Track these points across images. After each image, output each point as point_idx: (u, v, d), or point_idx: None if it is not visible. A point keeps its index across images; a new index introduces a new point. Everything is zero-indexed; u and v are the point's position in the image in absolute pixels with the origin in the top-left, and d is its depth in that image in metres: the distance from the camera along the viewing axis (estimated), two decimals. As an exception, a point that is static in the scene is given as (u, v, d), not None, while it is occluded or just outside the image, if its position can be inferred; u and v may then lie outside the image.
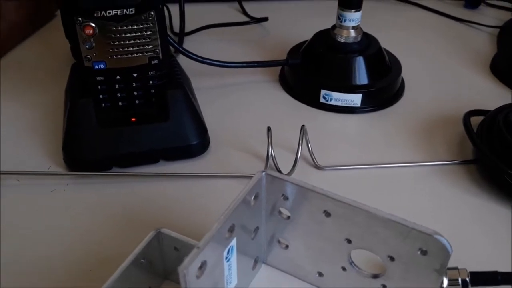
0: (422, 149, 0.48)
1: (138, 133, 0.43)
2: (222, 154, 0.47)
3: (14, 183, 0.43)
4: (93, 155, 0.42)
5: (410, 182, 0.44)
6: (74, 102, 0.43)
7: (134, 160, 0.44)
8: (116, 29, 0.39)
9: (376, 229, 0.28)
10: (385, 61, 0.55)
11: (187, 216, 0.40)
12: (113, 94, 0.43)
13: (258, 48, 0.65)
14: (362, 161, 0.46)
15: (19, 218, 0.40)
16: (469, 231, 0.39)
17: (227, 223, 0.28)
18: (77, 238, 0.38)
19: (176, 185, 0.43)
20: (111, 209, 0.41)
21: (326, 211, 0.29)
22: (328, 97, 0.52)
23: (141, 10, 0.39)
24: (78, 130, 0.42)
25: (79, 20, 0.38)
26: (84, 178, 0.43)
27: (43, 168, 0.44)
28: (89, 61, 0.41)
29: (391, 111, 0.54)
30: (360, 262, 0.32)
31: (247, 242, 0.32)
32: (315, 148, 0.45)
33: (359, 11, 0.51)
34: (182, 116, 0.45)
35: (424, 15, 0.75)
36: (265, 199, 0.32)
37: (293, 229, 0.32)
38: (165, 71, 0.44)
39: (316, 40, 0.55)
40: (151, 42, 0.41)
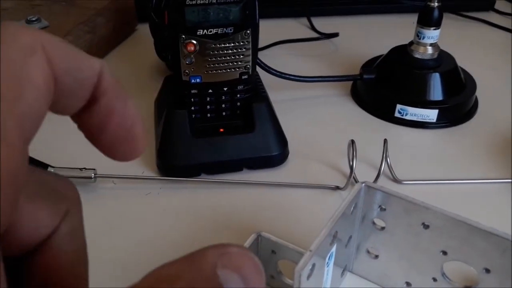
0: (498, 165, 0.48)
1: (225, 143, 0.46)
2: (299, 165, 0.49)
3: (111, 186, 0.47)
4: (185, 162, 0.45)
5: (488, 198, 0.45)
6: (170, 112, 0.46)
7: (221, 168, 0.47)
8: (214, 46, 0.42)
9: (475, 242, 0.29)
10: (461, 78, 0.55)
11: (272, 222, 0.43)
12: (204, 107, 0.46)
13: (328, 63, 0.67)
14: (438, 176, 0.47)
15: (116, 219, 0.43)
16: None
17: (332, 230, 0.29)
18: (172, 239, 0.41)
19: (260, 193, 0.46)
20: (202, 212, 0.43)
21: (425, 223, 0.31)
22: (404, 111, 0.53)
23: (239, 29, 0.42)
24: (173, 138, 0.45)
25: (183, 37, 0.41)
26: (175, 183, 0.46)
27: (137, 172, 0.48)
28: (187, 76, 0.44)
29: (465, 128, 0.54)
30: (451, 274, 0.33)
31: (341, 250, 0.34)
32: (391, 161, 0.47)
33: (438, 29, 0.52)
34: (266, 128, 0.47)
35: (493, 32, 0.75)
36: (360, 209, 0.34)
37: (386, 240, 0.34)
38: (252, 85, 0.47)
39: (392, 55, 0.56)
40: (244, 59, 0.44)
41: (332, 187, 0.46)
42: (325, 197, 0.45)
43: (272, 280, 0.36)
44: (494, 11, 0.81)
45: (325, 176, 0.48)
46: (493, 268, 0.30)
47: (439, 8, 0.51)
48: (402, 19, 0.78)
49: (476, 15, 0.79)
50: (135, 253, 0.40)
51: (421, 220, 0.31)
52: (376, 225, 0.34)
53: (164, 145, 0.46)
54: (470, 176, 0.47)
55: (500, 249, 0.29)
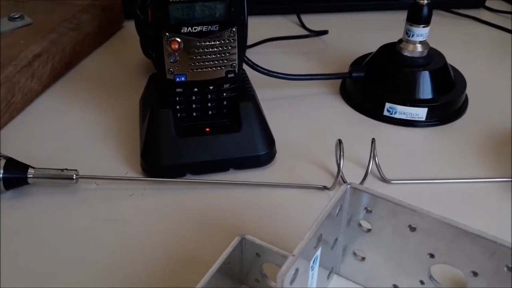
0: (488, 164, 0.48)
1: (212, 142, 0.45)
2: (287, 164, 0.48)
3: (93, 187, 0.46)
4: (171, 162, 0.45)
5: (476, 197, 0.44)
6: (154, 111, 0.45)
7: (206, 168, 0.46)
8: (199, 44, 0.42)
9: (463, 245, 0.28)
10: (450, 76, 0.55)
11: (258, 223, 0.42)
12: (189, 105, 0.46)
13: (318, 60, 0.66)
14: (427, 176, 0.47)
15: (99, 221, 0.42)
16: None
17: (317, 233, 0.29)
18: (156, 241, 0.40)
19: (246, 193, 0.45)
20: (187, 214, 0.42)
21: (411, 225, 0.30)
22: (393, 110, 0.53)
23: (224, 27, 0.41)
24: (157, 138, 0.44)
25: (167, 35, 0.40)
26: (160, 184, 0.45)
27: (120, 173, 0.47)
28: (172, 74, 0.43)
29: (455, 126, 0.54)
30: (439, 276, 0.32)
31: (327, 252, 0.33)
32: (380, 160, 0.46)
33: (428, 27, 0.51)
34: (253, 127, 0.47)
35: (483, 29, 0.75)
36: (346, 211, 0.33)
37: (372, 242, 0.33)
38: (239, 83, 0.46)
39: (381, 53, 0.56)
40: (230, 57, 0.43)
41: (320, 187, 0.45)
42: (313, 197, 0.45)
43: (257, 283, 0.35)
44: (484, 8, 0.81)
45: (313, 176, 0.47)
46: (480, 271, 0.29)
47: (429, 6, 0.50)
48: (393, 16, 0.78)
49: (467, 12, 0.79)
50: (118, 256, 0.39)
51: (408, 222, 0.30)
52: (362, 227, 0.33)
53: (148, 145, 0.45)
54: (460, 175, 0.47)
55: (488, 252, 0.28)
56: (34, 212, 0.42)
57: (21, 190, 0.44)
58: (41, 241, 0.40)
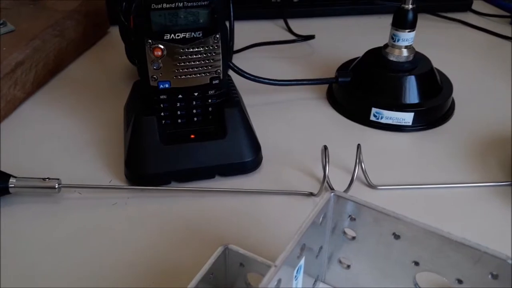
0: (475, 169, 0.48)
1: (197, 149, 0.45)
2: (273, 171, 0.48)
3: (76, 196, 0.45)
4: (155, 170, 0.44)
5: (463, 203, 0.44)
6: (138, 119, 0.44)
7: (191, 176, 0.45)
8: (183, 51, 0.41)
9: (447, 252, 0.28)
10: (437, 80, 0.55)
11: (243, 231, 0.41)
12: (174, 112, 0.45)
13: (304, 65, 0.66)
14: (414, 181, 0.47)
15: (81, 231, 0.41)
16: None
17: (300, 243, 0.28)
18: (139, 251, 0.39)
19: (232, 201, 0.44)
20: (171, 223, 0.42)
21: (396, 233, 0.30)
22: (379, 115, 0.52)
23: (207, 33, 0.41)
24: (141, 146, 0.44)
25: (149, 42, 0.40)
26: (144, 192, 0.45)
27: (103, 181, 0.46)
28: (155, 81, 0.42)
29: (442, 130, 0.54)
30: (424, 284, 0.32)
31: (311, 261, 0.33)
32: (366, 165, 0.46)
33: (413, 31, 0.51)
34: (239, 134, 0.46)
35: (470, 33, 0.75)
36: (330, 219, 0.33)
37: (357, 250, 0.33)
38: (224, 90, 0.46)
39: (367, 58, 0.55)
40: (214, 63, 0.43)
41: (306, 193, 0.45)
42: (299, 204, 0.44)
43: (241, 293, 0.35)
44: (471, 11, 0.81)
45: (299, 182, 0.47)
46: (465, 278, 0.29)
47: (414, 10, 0.50)
48: (380, 20, 0.78)
49: (454, 15, 0.79)
50: (100, 265, 0.38)
51: (392, 230, 0.30)
52: (347, 235, 0.33)
53: (131, 153, 0.44)
54: (447, 180, 0.47)
55: (472, 260, 0.28)
56: (16, 222, 0.42)
57: (3, 199, 0.43)
58: (23, 251, 0.39)
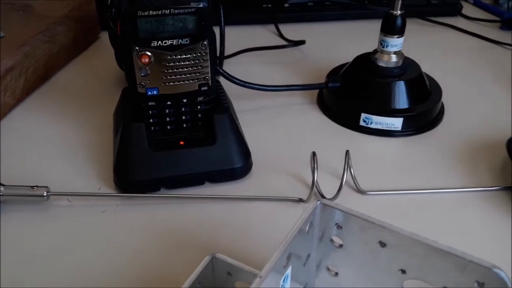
0: (464, 174, 0.48)
1: (186, 156, 0.45)
2: (263, 177, 0.48)
3: (65, 203, 0.45)
4: (144, 177, 0.44)
5: (452, 208, 0.44)
6: (127, 126, 0.44)
7: (181, 182, 0.45)
8: (170, 57, 0.41)
9: (434, 261, 0.28)
10: (426, 85, 0.55)
11: (233, 239, 0.41)
12: (163, 119, 0.45)
13: (296, 70, 0.66)
14: (404, 186, 0.47)
15: (70, 239, 0.41)
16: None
17: (285, 252, 0.28)
18: (126, 259, 0.39)
19: (222, 207, 0.44)
20: (160, 230, 0.42)
21: (382, 241, 0.30)
22: (369, 120, 0.53)
23: (195, 40, 0.41)
24: (131, 153, 0.44)
25: (137, 49, 0.40)
26: (133, 199, 0.45)
27: (93, 188, 0.46)
28: (143, 88, 0.42)
29: (431, 135, 0.54)
30: (412, 291, 0.32)
31: (299, 269, 0.33)
32: (356, 171, 0.46)
33: (402, 37, 0.51)
34: (228, 140, 0.46)
35: (460, 37, 0.76)
36: (317, 227, 0.33)
37: (345, 257, 0.33)
38: (213, 96, 0.46)
39: (356, 64, 0.56)
40: (202, 70, 0.43)
41: (296, 199, 0.45)
42: (288, 210, 0.44)
43: (229, 301, 0.34)
44: (461, 16, 0.82)
45: (289, 188, 0.47)
46: (452, 286, 0.29)
47: (402, 16, 0.50)
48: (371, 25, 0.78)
49: (444, 20, 0.79)
50: (88, 274, 0.38)
51: (378, 238, 0.30)
52: (334, 243, 0.33)
53: (120, 160, 0.44)
54: (436, 185, 0.47)
55: (459, 268, 0.28)
56: (4, 230, 0.41)
57: (-10, 208, 0.43)
58: (12, 259, 0.39)
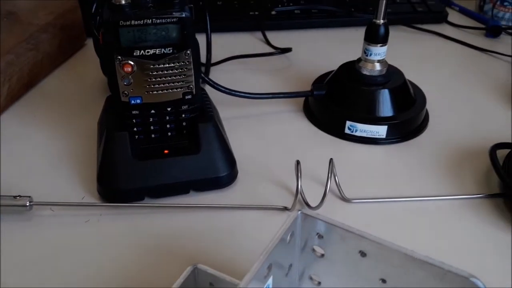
0: (448, 181, 0.48)
1: (171, 165, 0.45)
2: (248, 185, 0.48)
3: (48, 213, 0.44)
4: (128, 186, 0.44)
5: (436, 216, 0.45)
6: (110, 135, 0.44)
7: (166, 191, 0.45)
8: (153, 67, 0.41)
9: (413, 270, 0.28)
10: (410, 93, 0.55)
11: (217, 248, 0.41)
12: (147, 127, 0.45)
13: (282, 78, 0.66)
14: (388, 194, 0.47)
15: (53, 249, 0.41)
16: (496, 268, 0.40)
17: (265, 263, 0.28)
18: (110, 270, 0.39)
19: (206, 216, 0.44)
20: (143, 240, 0.41)
21: (362, 251, 0.30)
22: (353, 128, 0.53)
23: (178, 49, 0.41)
24: (114, 162, 0.44)
25: (119, 58, 0.40)
26: (117, 209, 0.44)
27: (76, 198, 0.46)
28: (126, 96, 0.42)
29: (416, 143, 0.54)
30: (393, 300, 0.32)
31: (282, 278, 0.33)
32: (341, 179, 0.46)
33: (385, 46, 0.52)
34: (213, 149, 0.46)
35: (445, 44, 0.76)
36: (299, 237, 0.33)
37: (326, 267, 0.33)
38: (198, 104, 0.46)
39: (341, 72, 0.56)
40: (186, 79, 0.43)
41: (280, 208, 0.45)
42: (273, 219, 0.44)
43: (212, 312, 0.34)
44: (447, 23, 0.82)
45: (274, 196, 0.47)
46: (431, 295, 0.29)
47: (385, 25, 0.51)
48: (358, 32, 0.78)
49: (429, 27, 0.80)
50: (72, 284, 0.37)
51: (358, 248, 0.30)
52: (316, 252, 0.33)
53: (103, 169, 0.44)
54: (421, 193, 0.47)
55: (437, 278, 0.28)
56: (-16, 241, 0.41)
57: (-28, 218, 0.43)
58: (-10, 272, 0.38)
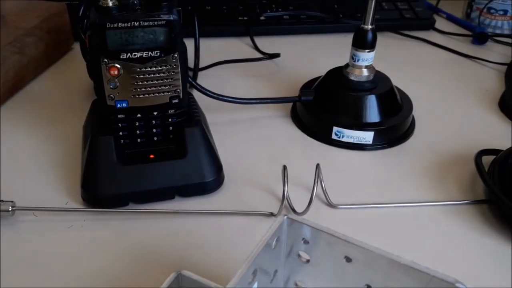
0: (434, 188, 0.49)
1: (156, 170, 0.44)
2: (235, 190, 0.48)
3: (32, 218, 0.44)
4: (112, 192, 0.43)
5: (422, 221, 0.45)
6: (95, 139, 0.44)
7: (150, 197, 0.45)
8: (140, 70, 0.41)
9: (398, 276, 0.28)
10: (397, 99, 0.56)
11: (203, 255, 0.41)
12: (133, 131, 0.44)
13: (270, 83, 0.66)
14: (374, 199, 0.47)
15: (35, 254, 0.40)
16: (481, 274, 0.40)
17: (250, 268, 0.28)
18: (93, 276, 0.38)
19: (192, 222, 0.44)
20: (127, 246, 0.41)
21: (348, 256, 0.30)
22: (340, 134, 0.53)
23: (165, 53, 0.40)
24: (98, 167, 0.43)
25: (105, 61, 0.39)
26: (101, 215, 0.44)
27: (60, 203, 0.45)
28: (112, 100, 0.42)
29: (402, 149, 0.54)
30: (379, 306, 0.32)
31: (266, 285, 0.33)
32: (327, 184, 0.46)
33: (373, 51, 0.52)
34: (199, 154, 0.46)
35: (432, 51, 0.77)
36: (284, 242, 0.32)
37: (312, 273, 0.33)
38: (185, 109, 0.45)
39: (328, 78, 0.56)
40: (173, 82, 0.42)
41: (267, 213, 0.45)
42: (259, 225, 0.44)
43: (196, 318, 0.34)
44: (434, 30, 0.83)
45: (261, 202, 0.46)
46: (417, 301, 0.29)
47: (373, 31, 0.51)
48: (346, 39, 0.79)
49: (417, 34, 0.81)
50: (52, 293, 0.37)
51: (344, 253, 0.30)
52: (301, 258, 0.33)
53: (87, 174, 0.43)
54: (406, 199, 0.47)
55: (423, 283, 0.28)
56: (-35, 247, 0.40)
57: (-48, 223, 0.42)
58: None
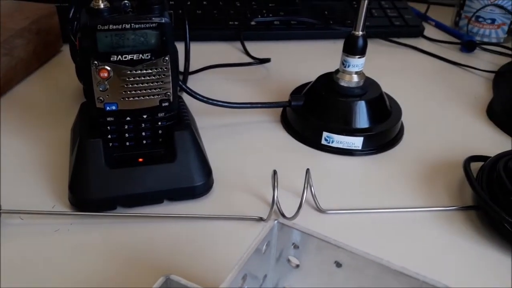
0: (422, 193, 0.49)
1: (145, 173, 0.44)
2: (224, 195, 0.47)
3: (17, 222, 0.43)
4: (99, 195, 0.43)
5: (410, 227, 0.45)
6: (83, 142, 0.43)
7: (139, 201, 0.44)
8: (130, 72, 0.40)
9: (388, 282, 0.28)
10: (386, 105, 0.56)
11: (191, 259, 0.40)
12: (122, 135, 0.44)
13: (260, 88, 0.66)
14: (363, 205, 0.47)
15: (21, 259, 0.39)
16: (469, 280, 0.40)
17: (240, 273, 0.28)
18: (79, 281, 0.38)
19: (180, 227, 0.43)
20: (115, 251, 0.40)
21: (338, 261, 0.30)
22: (330, 139, 0.53)
23: (156, 56, 0.40)
24: (86, 171, 0.43)
25: (95, 63, 0.39)
26: (88, 218, 0.43)
27: (47, 206, 0.44)
28: (101, 103, 0.41)
29: (391, 154, 0.55)
30: (368, 312, 0.32)
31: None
32: (316, 190, 0.46)
33: (363, 57, 0.52)
34: (188, 158, 0.45)
35: (421, 58, 0.78)
36: (274, 247, 0.32)
37: (302, 278, 0.33)
38: (174, 112, 0.45)
39: (319, 83, 0.56)
40: (163, 86, 0.42)
41: (256, 218, 0.44)
42: (248, 229, 0.44)
43: (184, 324, 0.33)
44: (423, 37, 0.84)
45: (250, 207, 0.46)
46: (406, 306, 0.29)
47: (364, 37, 0.51)
48: (335, 45, 0.79)
49: (406, 41, 0.81)
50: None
51: (334, 258, 0.30)
52: (291, 263, 0.32)
53: (75, 177, 0.43)
54: (395, 204, 0.47)
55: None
56: None
57: None
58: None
